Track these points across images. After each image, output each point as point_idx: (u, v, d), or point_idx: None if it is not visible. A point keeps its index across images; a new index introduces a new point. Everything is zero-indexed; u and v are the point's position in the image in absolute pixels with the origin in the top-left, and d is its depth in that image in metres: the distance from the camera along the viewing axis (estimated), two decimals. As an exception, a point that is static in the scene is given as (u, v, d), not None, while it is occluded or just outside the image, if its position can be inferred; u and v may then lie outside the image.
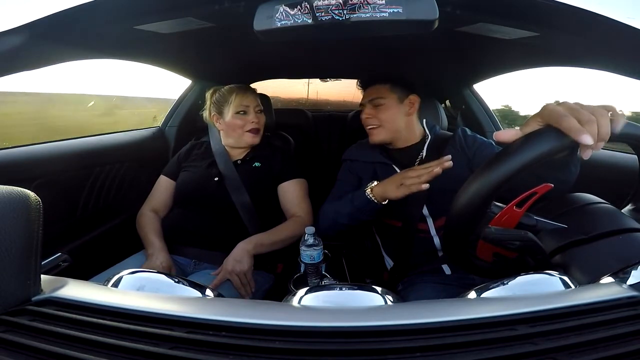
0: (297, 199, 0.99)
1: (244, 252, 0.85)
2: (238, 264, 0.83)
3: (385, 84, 0.94)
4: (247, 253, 0.85)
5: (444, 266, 0.85)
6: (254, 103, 1.01)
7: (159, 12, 0.62)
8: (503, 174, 0.41)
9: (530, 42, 0.68)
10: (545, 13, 0.55)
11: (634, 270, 0.35)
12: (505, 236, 0.45)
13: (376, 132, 0.93)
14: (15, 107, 2.54)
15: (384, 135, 0.94)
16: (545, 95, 2.86)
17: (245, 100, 1.00)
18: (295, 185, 1.01)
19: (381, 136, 0.93)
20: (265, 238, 0.90)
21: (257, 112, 1.02)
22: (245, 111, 0.99)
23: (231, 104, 1.00)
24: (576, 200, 0.50)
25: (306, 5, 0.51)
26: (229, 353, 0.25)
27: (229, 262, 0.83)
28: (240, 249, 0.85)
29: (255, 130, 1.00)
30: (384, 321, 0.28)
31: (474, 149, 0.91)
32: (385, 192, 0.79)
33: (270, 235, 0.91)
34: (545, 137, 0.41)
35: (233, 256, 0.84)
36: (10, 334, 0.27)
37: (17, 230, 0.30)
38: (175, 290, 0.38)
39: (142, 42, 0.78)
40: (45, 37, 0.60)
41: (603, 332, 0.26)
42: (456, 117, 1.57)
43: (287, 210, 1.00)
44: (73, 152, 1.02)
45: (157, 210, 1.01)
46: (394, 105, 0.93)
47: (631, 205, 0.53)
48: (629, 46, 0.56)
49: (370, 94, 0.95)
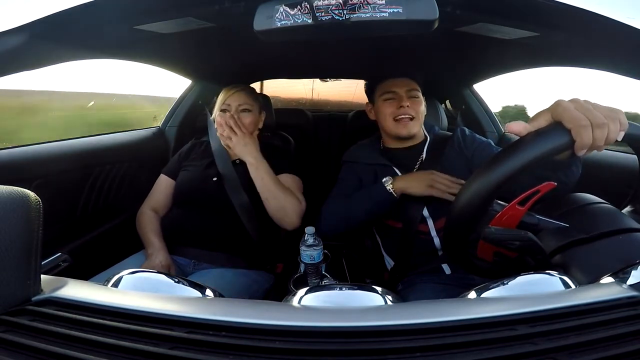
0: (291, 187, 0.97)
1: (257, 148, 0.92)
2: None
3: (415, 79, 0.95)
4: (258, 149, 0.92)
5: (444, 266, 0.85)
6: (237, 102, 0.99)
7: (159, 12, 0.62)
8: (504, 173, 0.41)
9: (530, 42, 0.68)
10: (545, 13, 0.55)
11: (634, 270, 0.35)
12: (505, 236, 0.45)
13: (412, 124, 0.92)
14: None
15: (416, 127, 0.93)
16: (545, 95, 2.86)
17: (229, 99, 0.99)
18: (289, 178, 1.00)
19: (415, 128, 0.93)
20: (273, 174, 0.92)
21: (240, 111, 0.99)
22: (227, 109, 0.99)
23: (218, 101, 1.02)
24: (576, 200, 0.50)
25: (306, 5, 0.51)
26: (229, 353, 0.25)
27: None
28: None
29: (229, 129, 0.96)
30: (384, 321, 0.28)
31: (473, 149, 0.91)
32: (409, 188, 0.81)
33: (277, 178, 0.92)
34: (551, 136, 0.41)
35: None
36: (10, 334, 0.27)
37: (17, 230, 0.30)
38: (175, 290, 0.38)
39: (142, 42, 0.78)
40: (45, 37, 0.60)
41: (603, 332, 0.26)
42: (456, 117, 1.57)
43: None
44: (73, 152, 1.02)
45: (156, 209, 1.01)
46: (422, 102, 0.95)
47: (631, 205, 0.53)
48: (629, 46, 0.56)
49: (406, 84, 0.93)
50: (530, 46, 0.72)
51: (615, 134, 0.41)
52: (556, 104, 0.42)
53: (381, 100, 0.95)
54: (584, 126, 0.39)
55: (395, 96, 0.93)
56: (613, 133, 0.41)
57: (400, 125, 0.92)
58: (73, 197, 1.03)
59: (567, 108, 0.41)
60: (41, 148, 0.94)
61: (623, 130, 0.42)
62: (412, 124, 0.92)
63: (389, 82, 0.95)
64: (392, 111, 0.92)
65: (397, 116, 0.92)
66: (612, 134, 0.41)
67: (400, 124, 0.92)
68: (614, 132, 0.41)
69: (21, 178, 0.85)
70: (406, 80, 0.94)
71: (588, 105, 0.41)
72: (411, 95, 0.92)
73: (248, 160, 0.91)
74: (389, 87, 0.94)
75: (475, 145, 0.92)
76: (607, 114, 0.41)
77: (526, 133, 0.42)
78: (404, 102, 0.91)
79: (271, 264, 1.02)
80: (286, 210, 0.90)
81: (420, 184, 0.80)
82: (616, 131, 0.41)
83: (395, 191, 0.82)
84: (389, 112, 0.93)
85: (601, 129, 0.40)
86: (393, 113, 0.92)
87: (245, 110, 1.01)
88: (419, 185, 0.80)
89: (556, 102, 0.42)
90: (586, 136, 0.40)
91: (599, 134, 0.40)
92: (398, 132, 0.92)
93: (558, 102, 0.42)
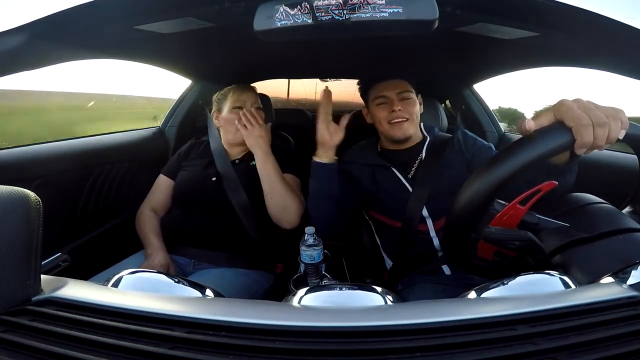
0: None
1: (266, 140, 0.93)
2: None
3: (407, 80, 0.94)
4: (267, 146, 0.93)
5: (443, 266, 0.85)
6: (252, 101, 1.01)
7: (159, 12, 0.62)
8: (506, 172, 0.41)
9: (530, 42, 0.68)
10: (545, 13, 0.55)
11: (634, 270, 0.35)
12: (505, 236, 0.45)
13: (406, 126, 0.91)
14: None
15: (412, 129, 0.93)
16: (544, 96, 2.86)
17: (242, 96, 1.01)
18: (290, 178, 0.99)
19: (410, 130, 0.92)
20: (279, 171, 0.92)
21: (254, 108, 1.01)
22: (242, 106, 0.99)
23: (229, 99, 1.01)
24: (576, 200, 0.50)
25: (306, 5, 0.51)
26: (229, 353, 0.25)
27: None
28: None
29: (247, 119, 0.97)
30: (384, 321, 0.28)
31: (473, 151, 0.91)
32: (325, 151, 0.85)
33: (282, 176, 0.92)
34: (553, 135, 0.41)
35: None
36: (10, 334, 0.27)
37: (17, 230, 0.30)
38: (175, 290, 0.38)
39: (142, 42, 0.78)
40: (45, 37, 0.60)
41: (603, 332, 0.26)
42: (456, 117, 1.57)
43: None
44: (73, 152, 1.02)
45: (156, 209, 1.01)
46: (416, 102, 0.94)
47: (631, 205, 0.53)
48: (629, 46, 0.56)
49: (396, 86, 0.93)
50: (530, 46, 0.72)
51: (617, 133, 0.41)
52: (559, 103, 0.42)
53: (374, 105, 0.95)
54: (585, 125, 0.40)
55: (387, 100, 0.93)
56: (614, 132, 0.41)
57: (396, 128, 0.91)
58: (73, 197, 1.03)
59: (570, 107, 0.41)
60: (41, 148, 0.94)
61: (624, 129, 0.42)
62: (407, 126, 0.91)
63: (379, 86, 0.94)
64: (385, 115, 0.92)
65: (391, 120, 0.91)
66: (613, 133, 0.41)
67: (395, 126, 0.91)
68: (615, 131, 0.41)
69: (21, 178, 0.85)
70: (397, 81, 0.93)
71: (590, 105, 0.41)
72: (402, 98, 0.92)
73: (257, 154, 0.91)
74: (379, 92, 0.94)
75: (476, 147, 0.92)
76: (609, 113, 0.41)
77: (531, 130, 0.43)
78: (395, 106, 0.90)
79: (271, 264, 1.02)
80: (287, 209, 0.90)
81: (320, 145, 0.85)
82: (617, 130, 0.41)
83: (320, 158, 0.85)
84: (382, 117, 0.93)
85: (602, 128, 0.40)
86: (387, 117, 0.92)
87: (258, 109, 1.02)
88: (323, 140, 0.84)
89: (559, 102, 0.43)
90: (587, 135, 0.40)
91: (600, 132, 0.40)
92: (394, 134, 0.92)
93: (561, 101, 0.42)
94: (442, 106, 1.39)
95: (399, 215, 0.89)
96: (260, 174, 0.91)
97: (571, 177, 0.58)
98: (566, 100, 0.42)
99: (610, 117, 0.41)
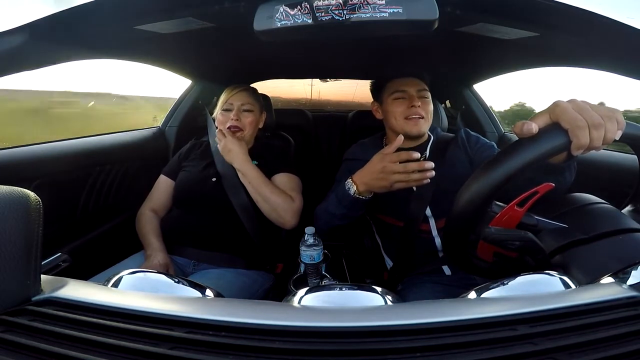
0: (287, 186, 0.97)
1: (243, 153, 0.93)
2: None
3: (424, 79, 0.94)
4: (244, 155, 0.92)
5: (444, 267, 0.85)
6: (241, 102, 1.00)
7: (159, 12, 0.62)
8: (503, 173, 0.41)
9: (530, 42, 0.68)
10: (545, 13, 0.55)
11: (634, 270, 0.35)
12: (505, 236, 0.45)
13: (422, 123, 0.91)
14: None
15: (425, 127, 0.93)
16: (545, 95, 2.86)
17: (232, 98, 1.00)
18: (287, 177, 0.99)
19: (424, 128, 0.92)
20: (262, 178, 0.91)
21: (242, 111, 1.00)
22: (229, 109, 0.99)
23: (220, 101, 1.02)
24: (576, 200, 0.50)
25: (306, 5, 0.51)
26: (229, 353, 0.25)
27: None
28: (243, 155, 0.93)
29: (234, 128, 0.98)
30: (384, 321, 0.28)
31: (476, 149, 0.91)
32: (373, 188, 0.77)
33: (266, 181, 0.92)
34: (549, 137, 0.41)
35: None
36: (10, 334, 0.27)
37: (17, 230, 0.30)
38: (175, 290, 0.38)
39: (142, 42, 0.78)
40: (45, 37, 0.60)
41: (603, 332, 0.26)
42: (456, 117, 1.57)
43: None
44: (73, 152, 1.02)
45: (156, 210, 1.01)
46: (431, 102, 0.94)
47: (631, 205, 0.53)
48: (629, 46, 0.56)
49: (414, 84, 0.93)
50: (530, 46, 0.72)
51: (613, 134, 0.41)
52: (554, 104, 0.42)
53: (390, 99, 0.93)
54: (581, 127, 0.40)
55: (406, 95, 0.92)
56: (610, 133, 0.41)
57: (411, 124, 0.90)
58: (73, 197, 1.03)
59: (565, 109, 0.41)
60: (41, 148, 0.94)
61: (621, 129, 0.42)
62: (423, 123, 0.91)
63: (398, 81, 0.94)
64: (402, 110, 0.91)
65: (409, 115, 0.90)
66: (610, 134, 0.41)
67: (411, 122, 0.90)
68: (612, 132, 0.41)
69: (21, 178, 0.85)
70: (416, 80, 0.94)
71: (585, 106, 0.41)
72: (421, 95, 0.92)
73: (234, 166, 0.93)
74: (399, 86, 0.93)
75: (478, 146, 0.92)
76: (605, 113, 0.41)
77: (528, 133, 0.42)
78: (415, 102, 0.89)
79: (271, 264, 1.02)
80: (278, 212, 0.90)
81: (381, 182, 0.74)
82: (614, 131, 0.41)
83: (362, 194, 0.78)
84: (399, 111, 0.91)
85: (598, 129, 0.40)
86: (404, 112, 0.91)
87: (247, 110, 1.01)
88: (381, 185, 0.74)
89: (554, 103, 0.42)
90: (583, 136, 0.40)
91: (595, 134, 0.40)
92: (409, 130, 0.91)
93: (556, 102, 0.42)
94: (442, 106, 1.39)
95: (401, 215, 0.89)
96: (243, 182, 0.92)
97: (570, 174, 0.58)
98: (561, 102, 0.42)
99: (606, 118, 0.41)
